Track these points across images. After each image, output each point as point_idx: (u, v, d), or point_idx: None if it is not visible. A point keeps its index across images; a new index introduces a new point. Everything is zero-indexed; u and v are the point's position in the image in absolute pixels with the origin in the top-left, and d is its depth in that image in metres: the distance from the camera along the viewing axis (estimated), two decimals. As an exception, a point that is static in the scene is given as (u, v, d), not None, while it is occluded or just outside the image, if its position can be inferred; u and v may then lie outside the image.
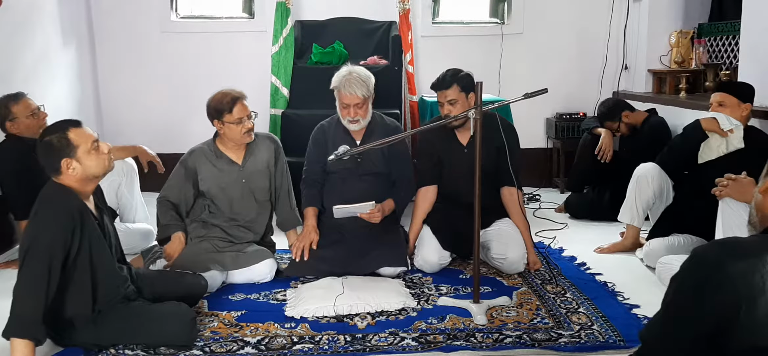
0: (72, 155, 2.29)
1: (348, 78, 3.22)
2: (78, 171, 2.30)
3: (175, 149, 3.85)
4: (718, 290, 1.21)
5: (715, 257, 1.25)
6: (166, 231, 3.13)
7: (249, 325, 2.62)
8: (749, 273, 1.18)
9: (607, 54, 5.23)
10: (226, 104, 3.07)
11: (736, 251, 1.25)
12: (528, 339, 2.47)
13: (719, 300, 1.21)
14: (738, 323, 1.18)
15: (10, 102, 3.35)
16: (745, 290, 1.18)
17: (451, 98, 3.16)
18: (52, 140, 2.29)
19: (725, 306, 1.19)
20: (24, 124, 3.35)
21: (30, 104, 3.38)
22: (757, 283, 1.17)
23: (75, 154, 2.30)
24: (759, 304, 1.17)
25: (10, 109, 3.34)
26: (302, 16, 4.94)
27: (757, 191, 1.44)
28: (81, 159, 2.31)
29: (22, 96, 3.37)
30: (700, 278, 1.25)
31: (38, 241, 2.17)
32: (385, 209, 3.20)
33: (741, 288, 1.18)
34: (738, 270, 1.20)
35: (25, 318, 2.12)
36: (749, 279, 1.18)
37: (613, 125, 4.24)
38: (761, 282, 1.17)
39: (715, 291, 1.21)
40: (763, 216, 1.41)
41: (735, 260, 1.22)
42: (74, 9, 4.70)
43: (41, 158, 2.32)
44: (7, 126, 3.35)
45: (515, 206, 3.26)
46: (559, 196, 4.85)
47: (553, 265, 3.25)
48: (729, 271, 1.21)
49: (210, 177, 3.18)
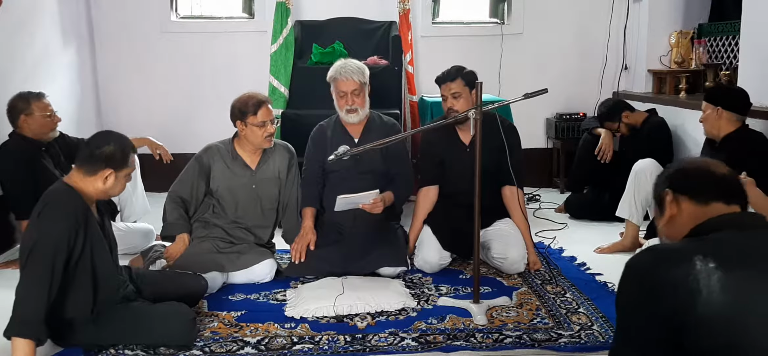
0: (118, 171, 2.34)
1: (343, 66, 3.25)
2: (108, 185, 2.33)
3: (175, 149, 3.85)
4: (658, 297, 1.26)
5: (650, 267, 1.30)
6: (171, 230, 3.13)
7: (249, 325, 2.62)
8: (684, 276, 1.24)
9: (607, 54, 5.23)
10: (251, 106, 3.07)
11: (670, 258, 1.30)
12: (528, 340, 2.47)
13: (661, 307, 1.25)
14: (684, 325, 1.23)
15: (32, 97, 3.37)
16: (683, 293, 1.23)
17: (455, 90, 3.17)
18: (116, 151, 2.33)
19: (668, 310, 1.24)
20: (38, 122, 3.36)
21: (48, 105, 3.42)
22: (693, 286, 1.23)
23: (121, 172, 2.35)
24: (698, 304, 1.22)
25: (30, 103, 3.35)
26: (302, 16, 4.94)
27: (660, 226, 1.54)
28: (118, 178, 2.35)
29: (43, 95, 3.41)
30: (640, 290, 1.30)
31: (42, 241, 2.17)
32: (386, 199, 3.21)
33: (680, 292, 1.24)
34: (673, 275, 1.26)
35: (27, 317, 2.12)
36: (685, 282, 1.24)
37: (613, 125, 4.24)
38: (696, 284, 1.23)
39: (655, 298, 1.27)
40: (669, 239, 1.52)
41: (669, 267, 1.27)
42: (74, 9, 4.70)
43: (89, 152, 2.31)
44: (21, 120, 3.35)
45: (516, 206, 3.26)
46: (559, 196, 4.86)
47: (553, 265, 3.25)
48: (666, 278, 1.26)
49: (221, 177, 3.18)
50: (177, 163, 3.69)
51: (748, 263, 1.27)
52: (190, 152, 3.54)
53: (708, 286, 1.23)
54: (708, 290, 1.22)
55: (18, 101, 3.36)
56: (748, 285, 1.24)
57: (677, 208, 1.49)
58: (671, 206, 1.50)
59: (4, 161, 3.37)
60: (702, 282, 1.23)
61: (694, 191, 1.47)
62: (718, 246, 1.30)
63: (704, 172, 1.50)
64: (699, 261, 1.25)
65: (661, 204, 1.54)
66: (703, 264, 1.25)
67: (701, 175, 1.49)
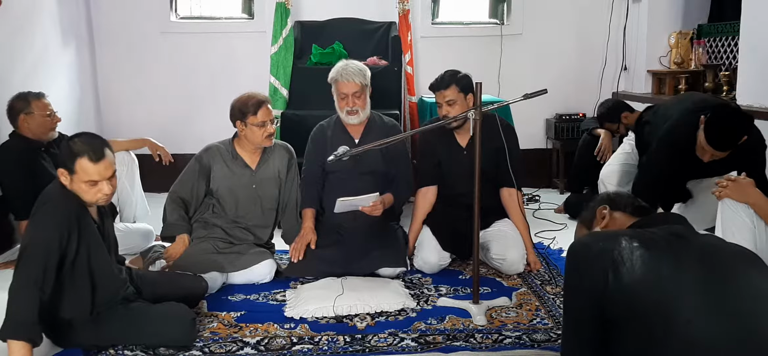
0: (72, 173, 2.27)
1: (345, 68, 3.24)
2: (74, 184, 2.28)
3: (174, 149, 3.85)
4: (589, 265, 1.52)
5: (583, 244, 1.58)
6: (172, 230, 3.13)
7: (248, 326, 2.62)
8: (608, 250, 1.49)
9: (607, 55, 5.23)
10: (251, 106, 3.07)
11: (598, 237, 1.62)
12: (527, 340, 2.47)
13: (591, 275, 1.50)
14: (609, 293, 1.46)
15: (31, 97, 3.37)
16: (608, 262, 1.47)
17: (449, 98, 3.16)
18: (63, 149, 2.31)
19: (595, 278, 1.49)
20: (37, 121, 3.36)
21: (48, 105, 3.42)
22: (616, 257, 1.47)
23: (74, 174, 2.27)
24: (621, 273, 1.45)
25: (30, 102, 3.35)
26: (302, 16, 4.94)
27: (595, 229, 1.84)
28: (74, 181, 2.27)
29: (43, 95, 3.41)
30: (576, 262, 1.57)
31: (34, 242, 2.17)
32: (385, 202, 3.21)
33: (605, 261, 1.48)
34: (600, 248, 1.52)
35: (20, 318, 2.11)
36: (610, 254, 1.48)
37: (612, 125, 4.25)
38: (619, 257, 1.47)
39: (587, 267, 1.52)
40: None
41: (597, 242, 1.55)
42: (74, 9, 4.70)
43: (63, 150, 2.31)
44: (21, 120, 3.35)
45: (515, 207, 3.26)
46: (559, 196, 4.86)
47: (552, 266, 3.25)
48: (593, 250, 1.53)
49: (221, 177, 3.18)
50: (177, 163, 3.69)
51: (667, 248, 1.49)
52: (189, 152, 3.54)
53: (631, 259, 1.46)
54: (631, 262, 1.46)
55: (17, 100, 3.36)
56: (665, 263, 1.45)
57: (611, 218, 1.81)
58: (608, 216, 1.81)
59: (3, 162, 3.37)
60: (625, 255, 1.47)
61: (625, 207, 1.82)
62: (642, 233, 1.55)
63: (630, 197, 1.89)
64: (625, 240, 1.51)
65: (593, 219, 1.86)
66: (628, 243, 1.50)
67: (629, 198, 1.87)
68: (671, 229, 1.57)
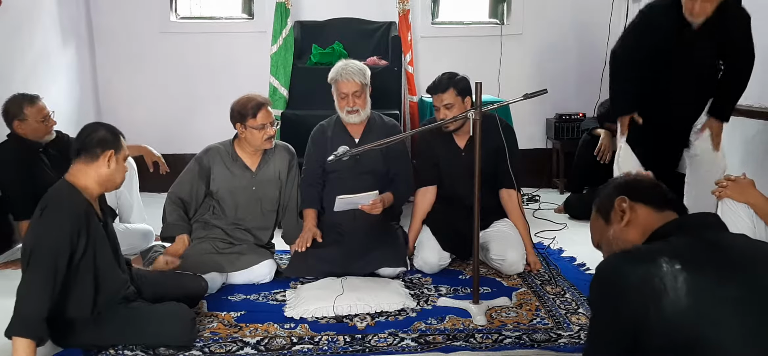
0: (117, 152, 2.36)
1: (345, 67, 3.24)
2: (112, 168, 2.35)
3: (174, 149, 3.86)
4: (626, 298, 1.32)
5: (616, 271, 1.37)
6: (171, 231, 3.13)
7: (248, 326, 2.62)
8: (649, 278, 1.30)
9: (607, 54, 5.21)
10: (250, 108, 3.06)
11: (634, 259, 1.37)
12: (527, 340, 2.47)
13: (629, 307, 1.31)
14: (650, 324, 1.28)
15: (25, 102, 3.33)
16: (649, 293, 1.29)
17: (446, 101, 3.15)
18: (107, 133, 2.38)
19: (636, 311, 1.30)
20: (31, 127, 3.35)
21: (43, 108, 3.38)
22: (658, 286, 1.28)
23: (120, 154, 2.38)
24: (664, 304, 1.27)
25: (23, 108, 3.32)
26: (302, 16, 4.94)
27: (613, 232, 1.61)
28: (119, 161, 2.38)
29: (37, 99, 3.37)
30: (609, 293, 1.37)
31: (44, 241, 2.17)
32: (385, 201, 3.21)
33: (646, 292, 1.29)
34: (639, 277, 1.31)
35: (29, 317, 2.11)
36: (650, 284, 1.29)
37: (612, 125, 4.23)
38: (661, 285, 1.28)
39: (624, 299, 1.32)
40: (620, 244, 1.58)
41: (635, 269, 1.33)
42: (74, 9, 4.70)
43: (81, 142, 2.34)
44: (15, 125, 3.34)
45: (514, 208, 3.26)
46: (559, 197, 4.86)
47: (552, 266, 3.25)
48: (631, 280, 1.32)
49: (222, 178, 3.18)
50: (176, 163, 3.69)
51: (706, 264, 1.32)
52: (189, 152, 3.54)
53: (674, 287, 1.28)
54: (674, 291, 1.28)
55: (11, 105, 3.34)
56: (707, 287, 1.28)
57: (634, 214, 1.56)
58: (629, 211, 1.57)
59: (2, 163, 3.36)
60: (668, 283, 1.28)
61: (649, 199, 1.56)
62: (681, 248, 1.36)
63: (653, 183, 1.62)
64: (665, 263, 1.31)
65: (611, 211, 1.61)
66: (669, 266, 1.30)
67: (652, 185, 1.61)
68: (707, 236, 1.42)
